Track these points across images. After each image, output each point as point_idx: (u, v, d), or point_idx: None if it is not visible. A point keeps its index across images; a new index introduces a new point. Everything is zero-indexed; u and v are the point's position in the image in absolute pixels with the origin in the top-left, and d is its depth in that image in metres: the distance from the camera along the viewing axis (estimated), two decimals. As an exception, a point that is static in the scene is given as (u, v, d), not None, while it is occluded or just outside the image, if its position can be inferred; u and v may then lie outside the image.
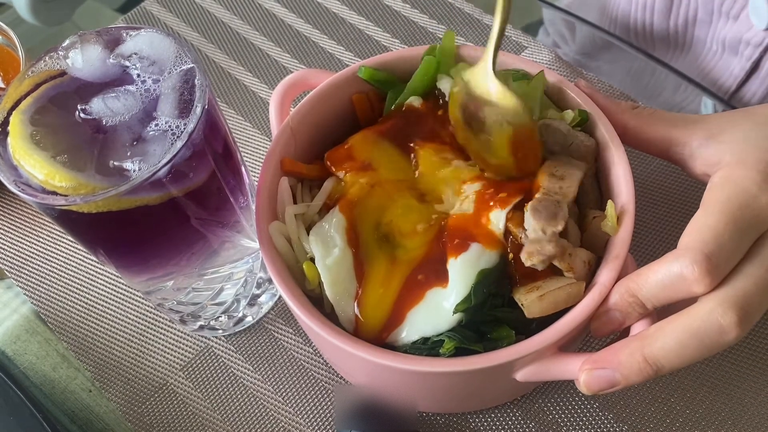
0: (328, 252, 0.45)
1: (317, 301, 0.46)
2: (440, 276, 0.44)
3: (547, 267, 0.42)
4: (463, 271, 0.43)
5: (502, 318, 0.43)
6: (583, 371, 0.41)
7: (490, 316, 0.43)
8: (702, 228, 0.40)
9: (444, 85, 0.50)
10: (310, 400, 0.54)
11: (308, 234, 0.46)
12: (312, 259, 0.46)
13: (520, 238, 0.43)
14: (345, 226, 0.46)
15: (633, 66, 0.71)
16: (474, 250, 0.43)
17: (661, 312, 0.42)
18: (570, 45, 0.83)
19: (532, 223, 0.42)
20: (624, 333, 0.43)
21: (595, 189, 0.49)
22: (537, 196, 0.44)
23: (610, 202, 0.44)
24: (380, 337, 0.44)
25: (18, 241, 0.64)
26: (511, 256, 0.43)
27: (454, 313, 0.42)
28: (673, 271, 0.39)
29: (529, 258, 0.42)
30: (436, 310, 0.43)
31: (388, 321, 0.44)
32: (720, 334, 0.38)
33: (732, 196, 0.41)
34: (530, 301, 0.42)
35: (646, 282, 0.40)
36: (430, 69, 0.51)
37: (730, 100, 0.70)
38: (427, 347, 0.43)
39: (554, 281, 0.42)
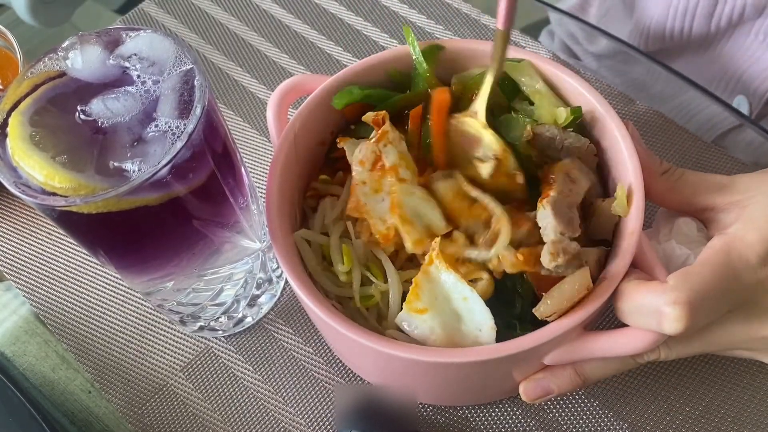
0: None
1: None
2: None
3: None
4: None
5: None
6: (524, 381, 0.46)
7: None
8: (696, 279, 0.40)
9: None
10: (311, 401, 0.54)
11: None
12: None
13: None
14: None
15: (652, 66, 0.70)
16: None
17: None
18: (583, 44, 0.82)
19: (553, 224, 0.42)
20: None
21: (597, 185, 0.49)
22: (552, 194, 0.44)
23: (620, 185, 0.45)
24: None
25: (17, 242, 0.64)
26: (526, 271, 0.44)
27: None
28: (651, 300, 0.40)
29: (553, 258, 0.41)
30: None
31: None
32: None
33: (734, 262, 0.41)
34: (540, 303, 0.42)
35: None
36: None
37: None
38: None
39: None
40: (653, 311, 0.39)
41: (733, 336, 0.44)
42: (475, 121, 0.47)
